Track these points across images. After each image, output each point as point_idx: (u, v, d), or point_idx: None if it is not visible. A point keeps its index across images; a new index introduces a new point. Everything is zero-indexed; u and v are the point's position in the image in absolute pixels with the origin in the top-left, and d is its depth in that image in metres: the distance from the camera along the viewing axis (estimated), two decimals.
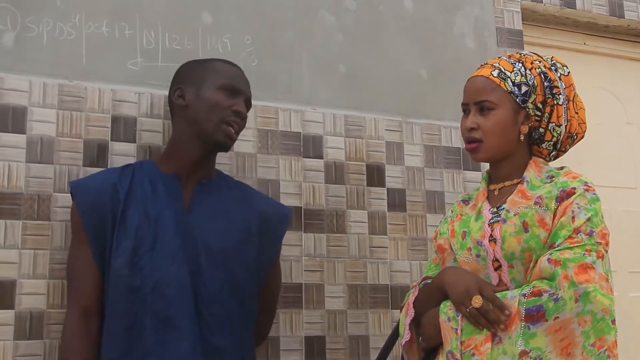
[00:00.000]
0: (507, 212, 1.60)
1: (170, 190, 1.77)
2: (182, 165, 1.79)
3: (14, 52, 1.91)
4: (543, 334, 1.45)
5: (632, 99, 2.92)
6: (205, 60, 1.89)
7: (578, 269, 1.47)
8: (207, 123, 1.77)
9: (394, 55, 2.38)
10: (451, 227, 1.71)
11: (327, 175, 2.20)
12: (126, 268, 1.67)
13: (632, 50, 2.96)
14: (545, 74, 1.69)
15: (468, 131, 1.68)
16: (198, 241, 1.73)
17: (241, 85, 1.84)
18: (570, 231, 1.52)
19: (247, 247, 1.80)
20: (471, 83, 1.72)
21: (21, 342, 1.78)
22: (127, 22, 2.04)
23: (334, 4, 2.33)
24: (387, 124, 2.32)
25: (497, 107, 1.65)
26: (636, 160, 2.88)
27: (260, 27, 2.21)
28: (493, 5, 2.58)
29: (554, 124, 1.69)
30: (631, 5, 2.84)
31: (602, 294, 1.46)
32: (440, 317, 1.57)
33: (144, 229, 1.69)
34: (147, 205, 1.73)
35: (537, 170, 1.67)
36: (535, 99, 1.67)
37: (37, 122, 1.90)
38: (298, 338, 2.07)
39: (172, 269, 1.67)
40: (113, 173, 1.79)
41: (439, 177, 2.35)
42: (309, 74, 2.25)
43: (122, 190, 1.73)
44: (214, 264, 1.73)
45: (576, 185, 1.58)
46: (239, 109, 1.80)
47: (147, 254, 1.68)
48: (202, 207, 1.78)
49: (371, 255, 2.21)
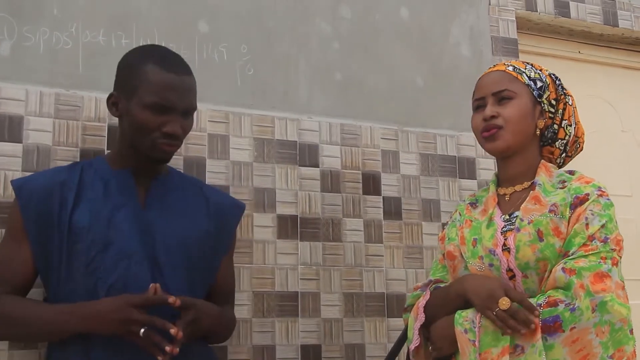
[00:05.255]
0: (521, 221, 1.56)
1: (123, 188, 1.69)
2: (132, 162, 1.72)
3: (11, 61, 1.91)
4: (560, 345, 1.42)
5: (627, 107, 2.94)
6: (142, 61, 1.68)
7: (594, 277, 1.44)
8: (138, 142, 1.66)
9: (389, 63, 2.39)
10: (461, 233, 1.67)
11: (323, 184, 2.21)
12: (79, 271, 1.61)
13: (627, 59, 2.98)
14: (554, 75, 1.71)
15: (487, 120, 1.63)
16: (156, 238, 1.67)
17: (174, 99, 1.64)
18: (584, 238, 1.49)
19: (206, 242, 1.75)
20: (487, 77, 1.70)
21: (16, 352, 1.77)
22: (124, 32, 2.04)
23: (330, 13, 2.34)
24: (383, 133, 2.32)
25: (516, 96, 1.63)
26: (631, 168, 2.89)
27: (256, 35, 2.21)
28: (488, 14, 2.59)
29: (566, 122, 1.69)
30: (625, 14, 2.86)
31: (620, 303, 1.43)
32: (457, 328, 1.52)
33: (95, 230, 1.62)
34: (98, 205, 1.66)
35: (548, 175, 1.64)
36: (549, 95, 1.67)
37: (33, 131, 1.90)
38: (294, 346, 2.07)
39: (129, 268, 1.61)
40: (60, 171, 1.72)
41: (435, 185, 2.36)
42: (305, 83, 2.26)
43: (71, 190, 1.66)
44: (174, 261, 1.67)
45: (590, 191, 1.55)
46: (169, 130, 1.63)
47: (99, 255, 1.61)
48: (158, 203, 1.72)
49: (367, 263, 2.21)
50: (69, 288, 1.61)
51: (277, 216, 2.11)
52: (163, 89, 1.63)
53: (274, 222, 2.09)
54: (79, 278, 1.61)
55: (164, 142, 1.65)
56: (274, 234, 2.10)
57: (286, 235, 2.12)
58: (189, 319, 1.57)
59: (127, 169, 1.72)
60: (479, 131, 1.66)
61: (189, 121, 1.71)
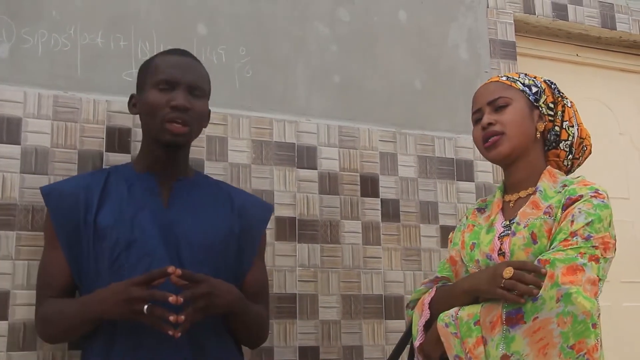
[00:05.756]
0: (517, 225, 1.58)
1: (146, 188, 1.74)
2: (154, 164, 1.76)
3: (9, 63, 1.91)
4: (521, 337, 1.44)
5: (624, 110, 2.94)
6: (151, 59, 1.79)
7: (566, 270, 1.45)
8: (152, 126, 1.71)
9: (387, 66, 2.39)
10: (462, 237, 1.71)
11: (321, 186, 2.21)
12: (104, 270, 1.64)
13: (624, 62, 2.98)
14: (549, 81, 1.73)
15: (486, 127, 1.66)
16: (179, 236, 1.69)
17: (177, 74, 1.71)
18: (566, 234, 1.51)
19: (229, 244, 1.76)
20: (482, 89, 1.74)
21: (14, 354, 1.77)
22: (122, 33, 2.04)
23: (329, 15, 2.34)
24: (381, 135, 2.33)
25: (512, 101, 1.66)
26: (628, 171, 2.89)
27: (254, 38, 2.22)
28: (486, 16, 2.60)
29: (567, 123, 1.70)
30: (623, 17, 2.87)
31: (584, 296, 1.43)
32: (438, 324, 1.56)
33: (119, 230, 1.66)
34: (122, 206, 1.70)
35: (552, 180, 1.64)
36: (546, 99, 1.69)
37: (31, 133, 1.90)
38: (292, 348, 2.07)
39: (151, 266, 1.63)
40: (86, 176, 1.78)
41: (433, 187, 2.36)
42: (303, 85, 2.26)
43: (95, 193, 1.71)
44: (197, 260, 1.68)
45: (584, 193, 1.56)
46: (177, 102, 1.68)
47: (123, 254, 1.64)
48: (181, 203, 1.75)
49: (365, 265, 2.22)
50: (96, 287, 1.64)
51: (275, 218, 2.11)
52: (167, 67, 1.72)
53: (272, 223, 2.09)
54: (105, 277, 1.64)
55: (173, 117, 1.68)
56: (272, 236, 2.10)
57: (284, 237, 2.13)
58: (199, 292, 1.56)
59: (150, 172, 1.76)
60: (480, 142, 1.69)
61: (200, 102, 1.74)
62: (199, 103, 1.73)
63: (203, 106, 1.76)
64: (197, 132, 1.77)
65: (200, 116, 1.75)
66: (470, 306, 1.54)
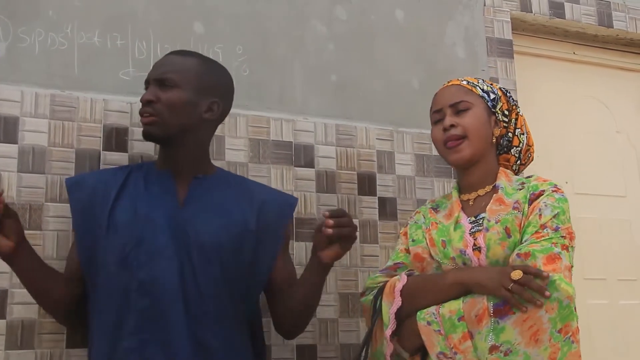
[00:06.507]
0: (489, 221, 1.65)
1: (163, 186, 1.76)
2: (170, 161, 1.79)
3: (6, 62, 1.91)
4: (511, 327, 1.49)
5: (621, 108, 2.94)
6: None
7: (546, 259, 1.54)
8: None
9: (385, 64, 2.40)
10: (428, 235, 1.75)
11: (318, 184, 2.21)
12: (115, 266, 1.66)
13: (621, 60, 2.99)
14: (504, 89, 1.82)
15: (447, 130, 1.73)
16: (190, 236, 1.70)
17: (150, 72, 1.79)
18: (537, 227, 1.59)
19: (244, 242, 1.76)
20: (444, 91, 1.81)
21: (12, 352, 1.78)
22: (119, 32, 2.05)
23: (326, 14, 2.34)
24: (378, 133, 2.33)
25: (473, 106, 1.74)
26: (625, 169, 2.90)
27: (252, 37, 2.22)
28: (483, 15, 2.60)
29: (519, 130, 1.81)
30: (620, 15, 2.87)
31: (566, 282, 1.52)
32: (419, 323, 1.59)
33: (132, 226, 1.68)
34: (138, 203, 1.72)
35: (508, 179, 1.75)
36: (502, 106, 1.78)
37: (28, 132, 1.90)
38: (289, 346, 2.08)
39: (158, 265, 1.65)
40: (107, 171, 1.83)
41: (430, 185, 2.37)
42: (300, 84, 2.26)
43: (114, 188, 1.74)
44: (207, 259, 1.69)
45: (546, 188, 1.67)
46: (141, 98, 1.76)
47: (134, 250, 1.66)
48: (196, 202, 1.76)
49: (362, 263, 2.22)
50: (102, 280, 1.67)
51: None
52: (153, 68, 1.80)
53: None
54: (114, 272, 1.66)
55: (141, 111, 1.75)
56: None
57: None
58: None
59: (169, 169, 1.78)
60: (441, 142, 1.76)
61: (170, 92, 1.74)
62: (167, 94, 1.73)
63: (173, 96, 1.74)
64: (176, 121, 1.73)
65: (170, 105, 1.73)
66: (450, 302, 1.57)
